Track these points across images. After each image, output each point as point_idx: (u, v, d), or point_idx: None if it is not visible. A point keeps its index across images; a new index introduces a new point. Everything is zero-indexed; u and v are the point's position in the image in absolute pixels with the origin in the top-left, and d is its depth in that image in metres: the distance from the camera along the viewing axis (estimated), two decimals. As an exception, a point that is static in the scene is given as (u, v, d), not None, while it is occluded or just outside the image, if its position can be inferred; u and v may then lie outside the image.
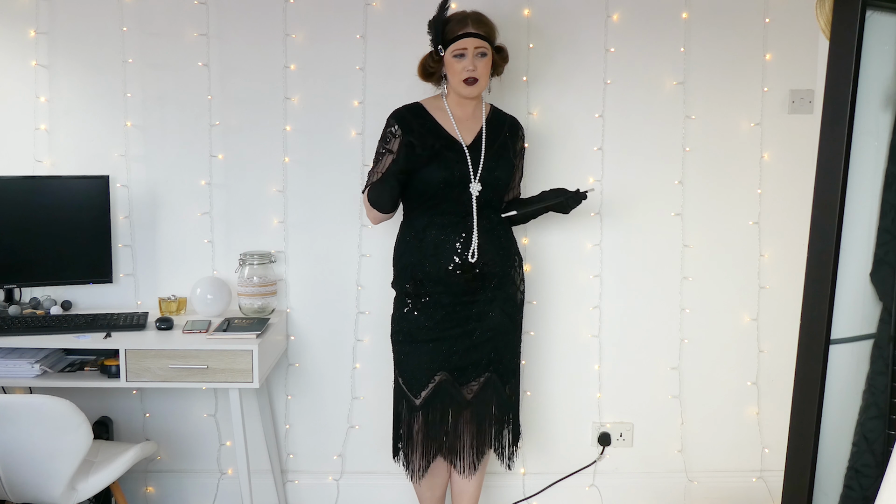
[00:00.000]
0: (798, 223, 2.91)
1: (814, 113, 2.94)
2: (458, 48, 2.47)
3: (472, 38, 2.46)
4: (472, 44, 2.46)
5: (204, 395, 3.05)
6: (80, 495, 2.39)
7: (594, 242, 3.02)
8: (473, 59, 2.47)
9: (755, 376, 3.09)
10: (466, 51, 2.47)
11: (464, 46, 2.46)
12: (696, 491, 3.12)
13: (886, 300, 2.13)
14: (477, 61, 2.47)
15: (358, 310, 3.02)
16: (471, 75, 2.47)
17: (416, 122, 2.54)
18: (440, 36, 2.50)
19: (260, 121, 2.94)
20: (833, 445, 2.12)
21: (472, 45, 2.46)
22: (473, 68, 2.47)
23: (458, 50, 2.47)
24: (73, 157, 2.92)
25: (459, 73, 2.48)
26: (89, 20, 2.88)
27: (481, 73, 2.48)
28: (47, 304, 2.85)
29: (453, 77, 2.50)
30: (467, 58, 2.47)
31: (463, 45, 2.46)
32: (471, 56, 2.47)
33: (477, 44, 2.47)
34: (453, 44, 2.47)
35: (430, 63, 2.56)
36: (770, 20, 2.94)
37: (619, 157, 2.98)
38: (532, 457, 3.11)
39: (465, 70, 2.47)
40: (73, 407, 2.28)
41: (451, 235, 2.51)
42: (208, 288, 2.86)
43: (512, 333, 2.65)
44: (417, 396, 2.56)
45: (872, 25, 1.97)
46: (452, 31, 2.48)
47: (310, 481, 3.09)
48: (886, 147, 2.09)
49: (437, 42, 2.52)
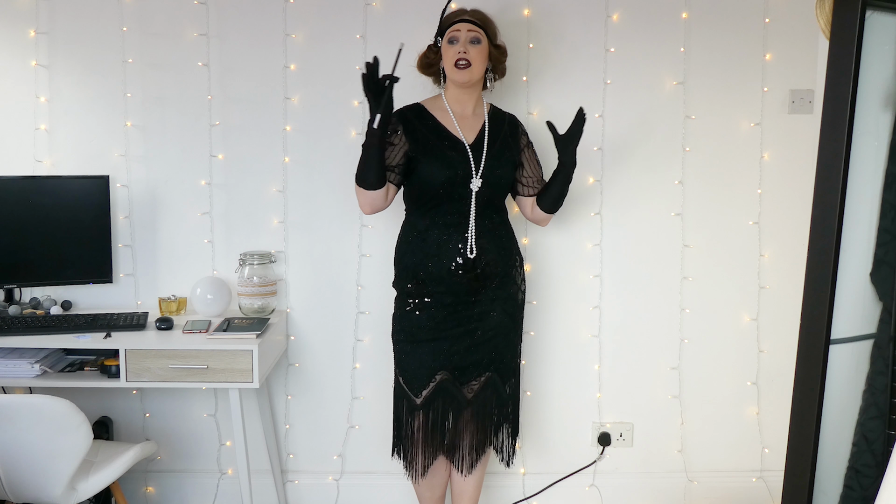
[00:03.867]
0: (798, 223, 2.91)
1: (814, 113, 2.94)
2: (451, 33, 2.52)
3: (465, 23, 2.51)
4: (465, 27, 2.50)
5: (204, 395, 3.05)
6: (80, 495, 2.39)
7: (594, 242, 3.02)
8: (465, 43, 2.50)
9: (755, 376, 3.09)
10: (459, 33, 2.50)
11: (457, 30, 2.51)
12: (696, 491, 3.12)
13: (886, 300, 2.13)
14: (469, 47, 2.49)
15: (358, 310, 3.02)
16: (461, 57, 2.48)
17: (418, 121, 2.55)
18: (439, 29, 2.56)
19: (260, 121, 2.94)
20: (833, 445, 2.12)
21: (465, 29, 2.50)
22: (465, 51, 2.49)
23: (452, 34, 2.52)
24: (73, 157, 2.92)
25: (452, 58, 2.50)
26: (89, 20, 2.88)
27: (474, 57, 2.50)
28: (47, 304, 2.85)
29: (447, 63, 2.53)
30: (460, 41, 2.50)
31: (456, 29, 2.51)
32: (463, 40, 2.50)
33: (469, 27, 2.50)
34: (448, 30, 2.52)
35: (430, 54, 2.61)
36: (770, 20, 2.94)
37: (619, 157, 2.99)
38: (532, 457, 3.11)
39: (458, 53, 2.49)
40: (73, 407, 2.28)
41: (454, 235, 2.51)
42: (208, 288, 2.86)
43: (513, 333, 2.65)
44: (418, 396, 2.56)
45: (872, 25, 1.97)
46: (448, 19, 2.55)
47: (310, 481, 3.09)
48: (886, 147, 2.09)
49: (436, 35, 2.57)
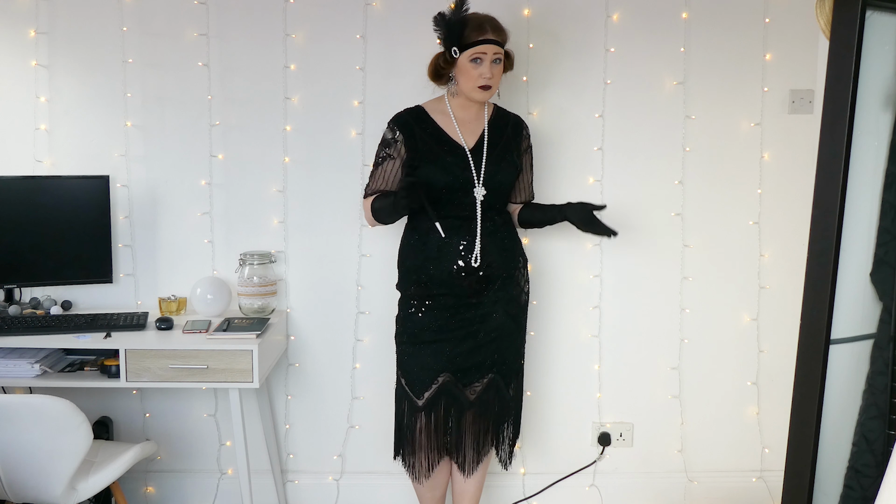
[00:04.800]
0: (798, 223, 2.90)
1: (814, 113, 2.94)
2: (476, 53, 2.45)
3: (492, 45, 2.45)
4: (491, 50, 2.45)
5: (204, 395, 3.05)
6: (80, 495, 2.39)
7: (594, 242, 3.01)
8: (491, 65, 2.46)
9: (755, 376, 3.09)
10: (485, 56, 2.45)
11: (483, 52, 2.45)
12: (696, 491, 3.12)
13: (886, 300, 2.13)
14: (494, 68, 2.47)
15: (358, 310, 3.02)
16: (488, 82, 2.46)
17: (418, 126, 2.54)
18: (457, 38, 2.46)
19: (260, 121, 2.94)
20: (833, 445, 2.12)
21: (491, 52, 2.45)
22: (491, 76, 2.46)
23: (476, 55, 2.45)
24: (73, 157, 2.92)
25: (475, 79, 2.46)
26: (89, 20, 2.88)
27: (496, 79, 2.48)
28: (47, 304, 2.85)
29: (467, 82, 2.48)
30: (485, 64, 2.45)
31: (482, 51, 2.45)
32: (488, 63, 2.45)
33: (495, 50, 2.46)
34: (472, 48, 2.45)
35: (442, 64, 2.52)
36: (770, 20, 2.94)
37: (619, 157, 2.98)
38: (532, 457, 3.11)
39: (482, 77, 2.45)
40: (73, 407, 2.28)
41: (455, 238, 2.51)
42: (208, 288, 2.86)
43: (515, 334, 2.65)
44: (420, 397, 2.56)
45: (872, 25, 1.97)
46: (471, 35, 2.45)
47: (310, 481, 3.09)
48: (886, 147, 2.09)
49: (451, 43, 2.47)
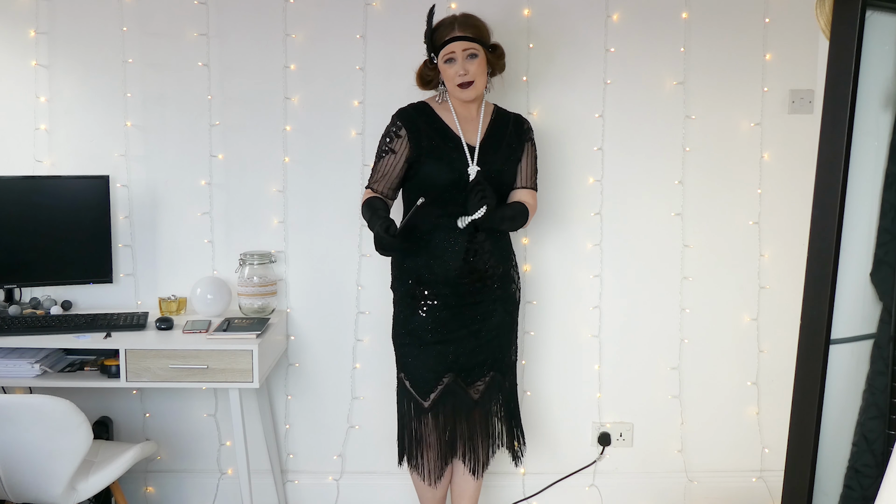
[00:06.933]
0: (798, 223, 2.90)
1: (814, 113, 2.94)
2: (446, 53, 2.47)
3: (459, 42, 2.46)
4: (460, 47, 2.46)
5: (204, 395, 3.05)
6: (80, 495, 2.39)
7: (594, 242, 3.02)
8: (464, 62, 2.46)
9: (755, 376, 3.09)
10: (455, 54, 2.46)
11: (452, 51, 2.46)
12: (696, 491, 3.12)
13: (886, 300, 2.13)
14: (468, 64, 2.46)
15: (358, 310, 3.02)
16: (463, 79, 2.46)
17: (423, 120, 2.54)
18: (431, 44, 2.51)
19: (260, 121, 2.94)
20: (833, 445, 2.12)
21: (460, 48, 2.46)
22: (465, 72, 2.46)
23: (448, 55, 2.47)
24: (73, 157, 2.92)
25: (453, 79, 2.48)
26: (89, 20, 2.88)
27: (474, 74, 2.47)
28: (47, 304, 2.85)
29: (449, 83, 2.50)
30: (457, 62, 2.46)
31: (451, 50, 2.46)
32: (461, 60, 2.46)
33: (465, 46, 2.46)
34: (442, 49, 2.47)
35: (427, 72, 2.57)
36: (770, 20, 2.94)
37: (619, 157, 2.98)
38: (532, 457, 3.11)
39: (458, 75, 2.46)
40: (73, 407, 2.28)
41: (458, 237, 2.51)
42: (208, 288, 2.86)
43: (511, 330, 2.66)
44: (426, 399, 2.55)
45: (872, 25, 1.97)
46: (441, 36, 2.48)
47: (310, 481, 3.09)
48: (886, 147, 2.09)
49: (429, 51, 2.53)
